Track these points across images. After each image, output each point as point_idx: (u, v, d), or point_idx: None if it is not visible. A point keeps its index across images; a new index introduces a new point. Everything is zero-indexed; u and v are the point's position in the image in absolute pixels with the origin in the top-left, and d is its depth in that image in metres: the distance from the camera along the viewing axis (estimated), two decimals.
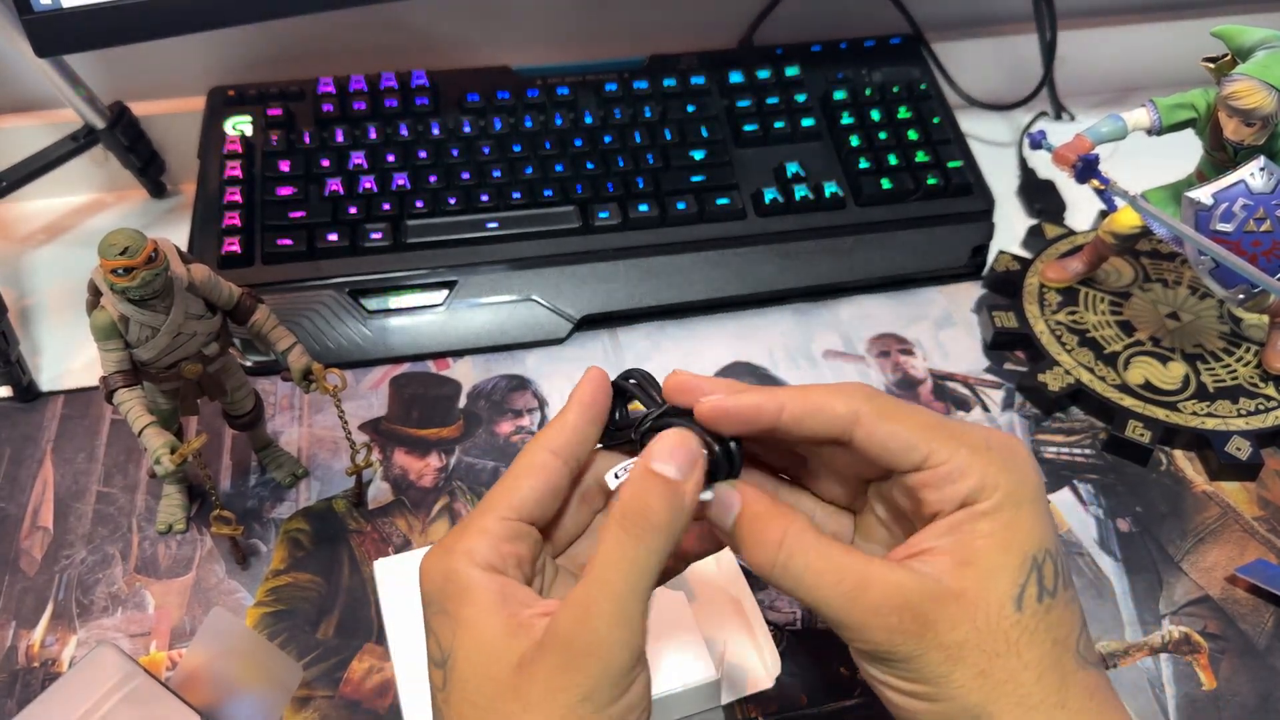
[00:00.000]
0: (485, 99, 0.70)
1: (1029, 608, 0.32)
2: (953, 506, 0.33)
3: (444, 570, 0.33)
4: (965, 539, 0.32)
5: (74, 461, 0.57)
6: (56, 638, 0.50)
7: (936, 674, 0.31)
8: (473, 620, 0.32)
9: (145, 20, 0.58)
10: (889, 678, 0.33)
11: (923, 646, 0.31)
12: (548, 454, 0.35)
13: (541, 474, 0.35)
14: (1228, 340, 0.62)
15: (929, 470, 0.33)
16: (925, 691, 0.32)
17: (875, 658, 0.32)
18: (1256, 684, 0.49)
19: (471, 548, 0.33)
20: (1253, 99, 0.49)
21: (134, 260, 0.43)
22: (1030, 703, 0.31)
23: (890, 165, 0.68)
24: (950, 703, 0.32)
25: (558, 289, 0.64)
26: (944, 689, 0.31)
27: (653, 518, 0.32)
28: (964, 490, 0.33)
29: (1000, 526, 0.32)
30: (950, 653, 0.31)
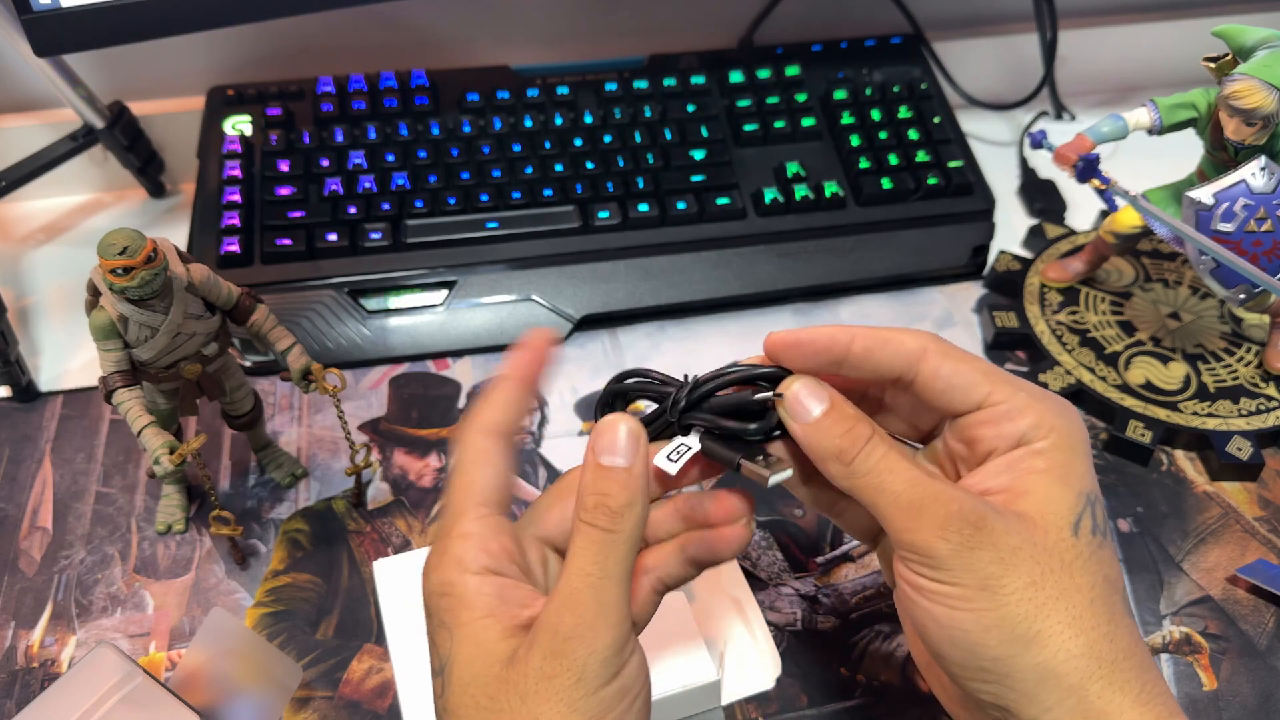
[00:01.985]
0: (485, 99, 0.70)
1: (1084, 537, 0.32)
2: (1009, 445, 0.34)
3: (440, 582, 0.34)
4: (1022, 474, 0.33)
5: (73, 462, 0.57)
6: (56, 638, 0.50)
7: (987, 575, 0.31)
8: (468, 625, 0.32)
9: (144, 20, 0.58)
10: (934, 583, 0.32)
11: (976, 543, 0.31)
12: (485, 438, 0.36)
13: (491, 460, 0.36)
14: (1229, 340, 0.62)
15: (988, 409, 0.34)
16: (972, 597, 0.31)
17: (925, 562, 0.32)
18: (1257, 684, 0.49)
19: (461, 555, 0.33)
20: (1253, 99, 0.49)
21: (133, 260, 0.43)
22: (1081, 625, 0.31)
23: (891, 165, 0.68)
24: (998, 611, 0.31)
25: (557, 289, 0.64)
26: (994, 595, 0.31)
27: (611, 504, 0.33)
28: (1021, 428, 0.33)
29: (1056, 464, 0.33)
30: (1003, 556, 0.31)
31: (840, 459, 0.34)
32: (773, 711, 0.47)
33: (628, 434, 0.34)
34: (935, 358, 0.35)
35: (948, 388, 0.35)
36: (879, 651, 0.49)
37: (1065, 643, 0.31)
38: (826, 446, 0.34)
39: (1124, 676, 0.31)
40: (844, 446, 0.34)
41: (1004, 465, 0.34)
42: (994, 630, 0.31)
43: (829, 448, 0.34)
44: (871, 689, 0.48)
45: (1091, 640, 0.31)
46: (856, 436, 0.34)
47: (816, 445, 0.34)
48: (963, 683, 0.33)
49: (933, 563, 0.32)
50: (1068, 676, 0.31)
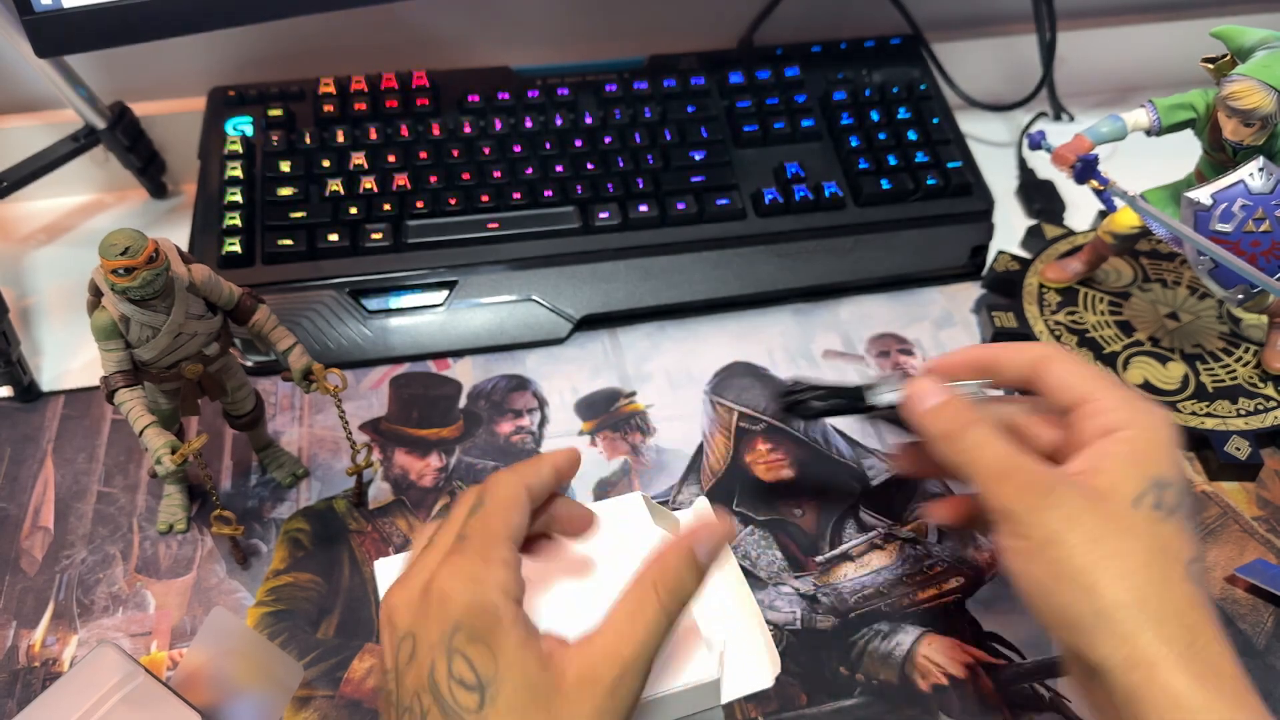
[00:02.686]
0: (485, 99, 0.70)
1: (1144, 511, 0.37)
2: (1098, 435, 0.39)
3: (482, 601, 0.35)
4: (1098, 456, 0.38)
5: (75, 461, 0.57)
6: (57, 637, 0.50)
7: (1053, 531, 0.36)
8: (514, 654, 0.34)
9: (146, 21, 0.58)
10: (1012, 540, 0.38)
11: (1047, 504, 0.37)
12: (524, 489, 0.39)
13: (524, 509, 0.39)
14: (1227, 340, 0.62)
15: (1091, 403, 0.40)
16: (1040, 550, 0.37)
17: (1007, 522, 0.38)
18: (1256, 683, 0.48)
19: (505, 580, 0.36)
20: (1252, 99, 0.49)
21: (135, 260, 0.43)
22: (1134, 581, 0.36)
23: (890, 165, 0.68)
24: (1061, 563, 0.36)
25: (558, 289, 0.64)
26: (1058, 547, 0.36)
27: (683, 591, 0.37)
28: (1111, 421, 0.39)
29: (1130, 449, 0.38)
30: (1069, 515, 0.37)
31: (947, 437, 0.41)
32: (772, 710, 0.47)
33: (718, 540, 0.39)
34: (1052, 362, 0.42)
35: (1059, 387, 0.41)
36: (878, 651, 0.50)
37: (1118, 594, 0.35)
38: (938, 427, 0.41)
39: (1170, 633, 0.35)
40: (950, 428, 0.41)
41: (1091, 451, 0.39)
42: (1060, 579, 0.36)
43: (939, 429, 0.41)
44: (871, 688, 0.48)
45: (1142, 595, 0.35)
46: (963, 419, 0.40)
47: (930, 426, 0.41)
48: (1054, 634, 0.37)
49: (1012, 522, 0.37)
50: (1121, 624, 0.35)
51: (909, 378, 0.44)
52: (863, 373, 0.45)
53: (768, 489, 0.56)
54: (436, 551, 0.37)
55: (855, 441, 0.59)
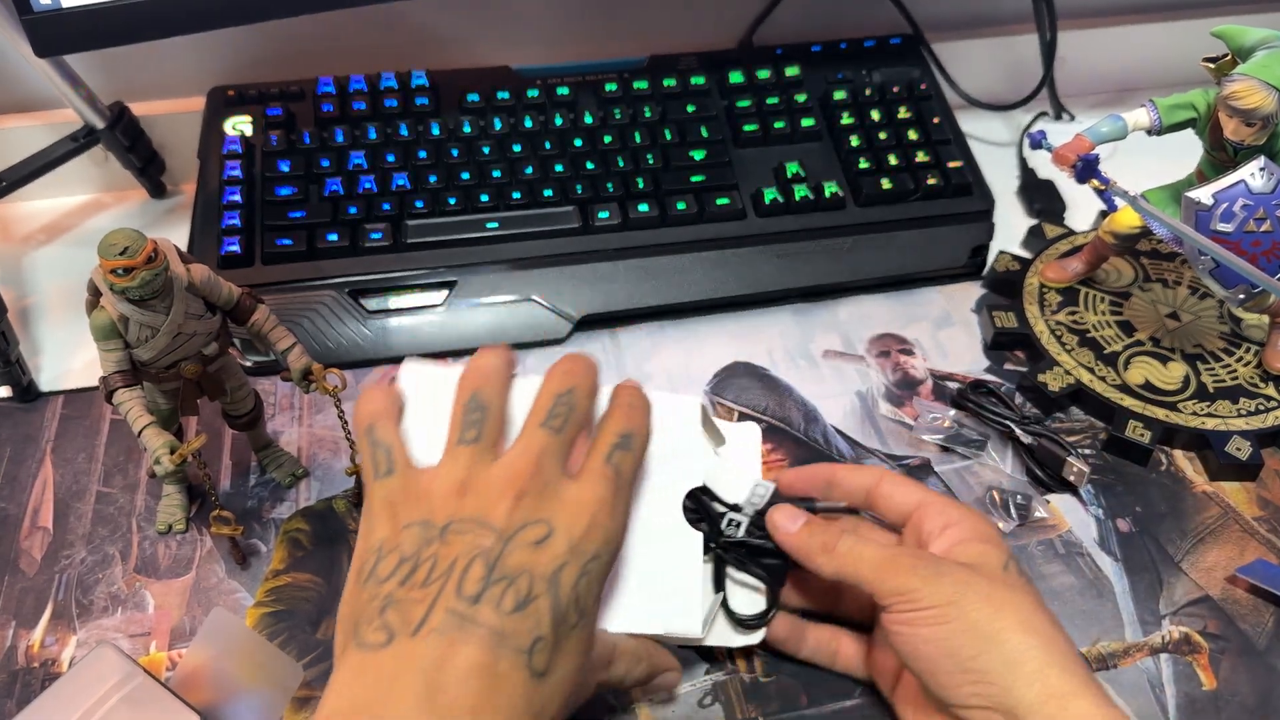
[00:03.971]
0: (485, 99, 0.70)
1: (1014, 573, 0.42)
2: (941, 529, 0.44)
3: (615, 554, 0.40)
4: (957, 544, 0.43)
5: (74, 461, 0.57)
6: (56, 638, 0.50)
7: (951, 594, 0.40)
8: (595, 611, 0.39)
9: (145, 20, 0.58)
10: (913, 611, 0.40)
11: (938, 574, 0.41)
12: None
13: None
14: (1228, 340, 0.62)
15: (924, 508, 0.45)
16: (943, 612, 0.40)
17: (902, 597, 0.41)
18: (1257, 684, 0.49)
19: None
20: (1253, 99, 0.49)
21: (134, 260, 0.43)
22: (1029, 626, 0.40)
23: (890, 165, 0.68)
24: (964, 619, 0.40)
25: (558, 289, 0.64)
26: (959, 606, 0.40)
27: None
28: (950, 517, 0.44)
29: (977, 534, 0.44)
30: (959, 580, 0.41)
31: (824, 549, 0.43)
32: (773, 710, 0.47)
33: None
34: (887, 481, 0.47)
35: (892, 496, 0.46)
36: None
37: (1021, 638, 0.39)
38: (812, 545, 0.44)
39: (1071, 668, 0.39)
40: (825, 540, 0.44)
41: (943, 541, 0.44)
42: (966, 633, 0.40)
43: (815, 544, 0.44)
44: (871, 688, 0.48)
45: (1040, 638, 0.39)
46: (832, 532, 0.44)
47: (804, 546, 0.44)
48: (954, 691, 0.40)
49: (910, 596, 0.41)
50: (1028, 664, 0.39)
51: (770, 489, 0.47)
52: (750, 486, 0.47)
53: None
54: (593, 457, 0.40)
55: (855, 441, 0.59)
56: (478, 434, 0.38)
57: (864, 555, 0.42)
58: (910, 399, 0.61)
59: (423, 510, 0.37)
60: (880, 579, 0.42)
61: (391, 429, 0.40)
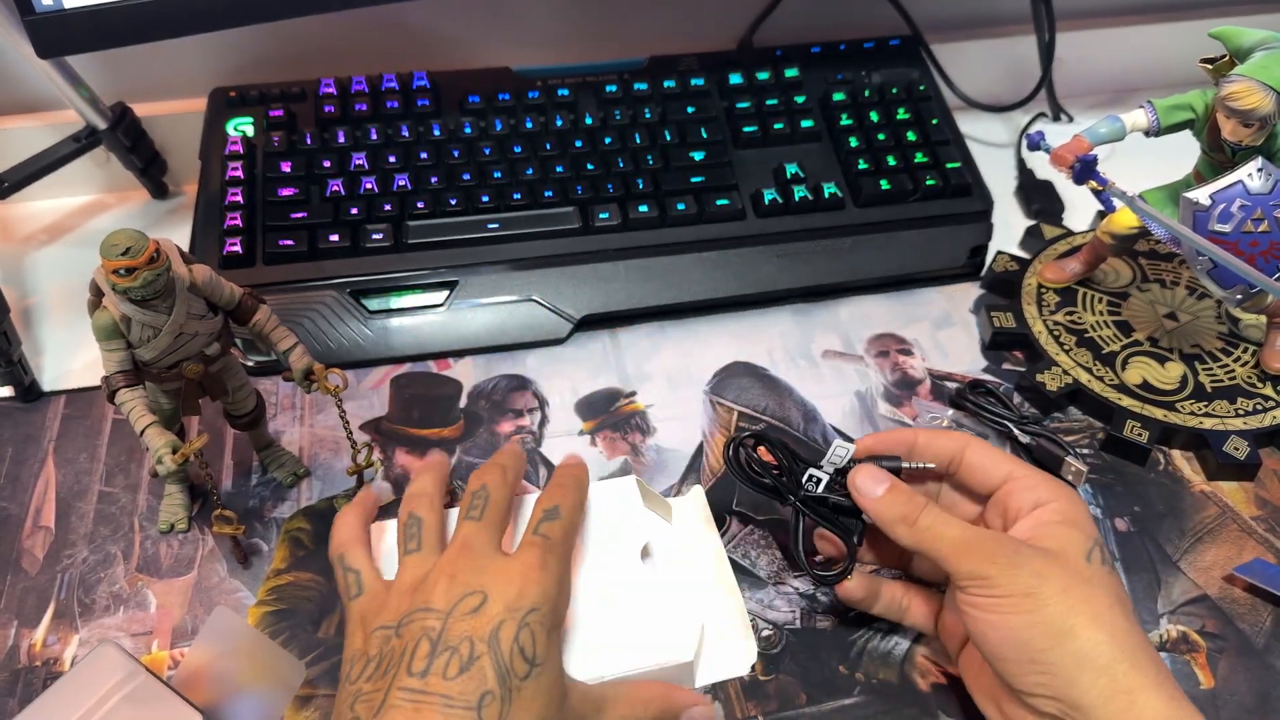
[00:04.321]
0: (486, 100, 0.70)
1: (1095, 564, 0.42)
2: (1030, 507, 0.44)
3: (559, 603, 0.41)
4: (1042, 525, 0.43)
5: (76, 461, 0.57)
6: (58, 637, 0.50)
7: (1028, 585, 0.40)
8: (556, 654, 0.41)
9: (147, 21, 0.58)
10: (988, 597, 0.41)
11: (1017, 563, 0.41)
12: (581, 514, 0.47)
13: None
14: (1225, 340, 0.62)
15: (1013, 482, 0.45)
16: (1018, 603, 0.40)
17: (979, 582, 0.41)
18: (1254, 683, 0.49)
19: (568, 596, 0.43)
20: (1250, 100, 0.49)
21: (136, 260, 0.43)
22: (1103, 621, 0.40)
23: (889, 166, 0.68)
24: (1038, 612, 0.40)
25: (558, 289, 0.64)
26: (1035, 599, 0.40)
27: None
28: (1037, 495, 0.44)
29: (1064, 516, 0.43)
30: (1038, 570, 0.41)
31: (905, 521, 0.44)
32: (772, 709, 0.47)
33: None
34: (974, 447, 0.47)
35: (982, 466, 0.46)
36: (877, 650, 0.50)
37: (1092, 634, 0.39)
38: (894, 513, 0.44)
39: (1141, 663, 0.39)
40: (906, 512, 0.44)
41: (1029, 521, 0.44)
42: (1039, 626, 0.40)
43: (895, 514, 0.44)
44: (870, 687, 0.48)
45: (1112, 633, 0.40)
46: (915, 503, 0.44)
47: (886, 513, 0.44)
48: (1020, 679, 0.40)
49: (987, 582, 0.41)
50: (1098, 659, 0.39)
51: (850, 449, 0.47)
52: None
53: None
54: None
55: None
56: (417, 543, 0.44)
57: (945, 534, 0.43)
58: (909, 399, 0.61)
59: (384, 616, 0.41)
60: (959, 560, 0.42)
61: (360, 554, 0.45)
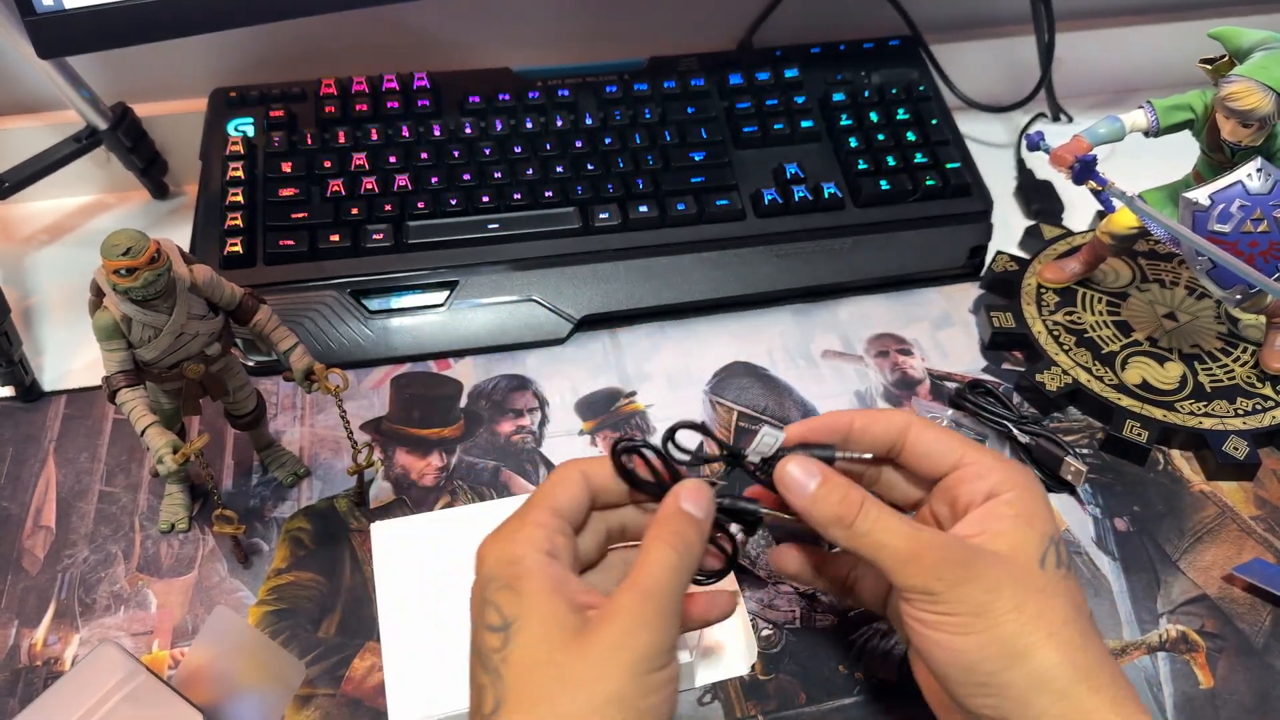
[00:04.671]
0: (486, 100, 0.70)
1: (1050, 569, 0.38)
2: (981, 499, 0.40)
3: (509, 554, 0.38)
4: (995, 521, 0.39)
5: (76, 461, 0.57)
6: (59, 636, 0.50)
7: (978, 604, 0.37)
8: (538, 594, 0.36)
9: (148, 22, 0.58)
10: (935, 615, 0.37)
11: (966, 578, 0.37)
12: (580, 474, 0.41)
13: (574, 488, 0.40)
14: (1225, 340, 0.62)
15: (963, 469, 0.41)
16: (967, 623, 0.37)
17: (924, 597, 0.38)
18: (1254, 682, 0.49)
19: (533, 536, 0.38)
20: (1250, 100, 0.49)
21: (136, 261, 0.43)
22: (1060, 638, 0.37)
23: (889, 166, 0.68)
24: (990, 632, 0.37)
25: (558, 289, 0.64)
26: (985, 618, 0.37)
27: (688, 538, 0.38)
28: (991, 483, 0.40)
29: (1021, 511, 0.39)
30: (989, 586, 0.37)
31: (840, 523, 0.39)
32: (771, 709, 0.48)
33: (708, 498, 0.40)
34: (918, 428, 0.42)
35: (929, 453, 0.42)
36: (877, 649, 0.50)
37: (1048, 654, 0.36)
38: (827, 514, 0.40)
39: (1099, 683, 0.37)
40: (841, 513, 0.39)
41: (979, 515, 0.40)
42: (989, 648, 0.37)
43: (829, 515, 0.40)
44: (870, 686, 0.48)
45: (1068, 652, 0.37)
46: (851, 502, 0.39)
47: (818, 514, 0.40)
48: (966, 701, 0.38)
49: (932, 599, 0.37)
50: (1055, 682, 0.36)
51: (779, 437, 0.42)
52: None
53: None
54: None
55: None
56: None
57: (885, 542, 0.38)
58: (909, 399, 0.61)
59: None
60: (902, 574, 0.38)
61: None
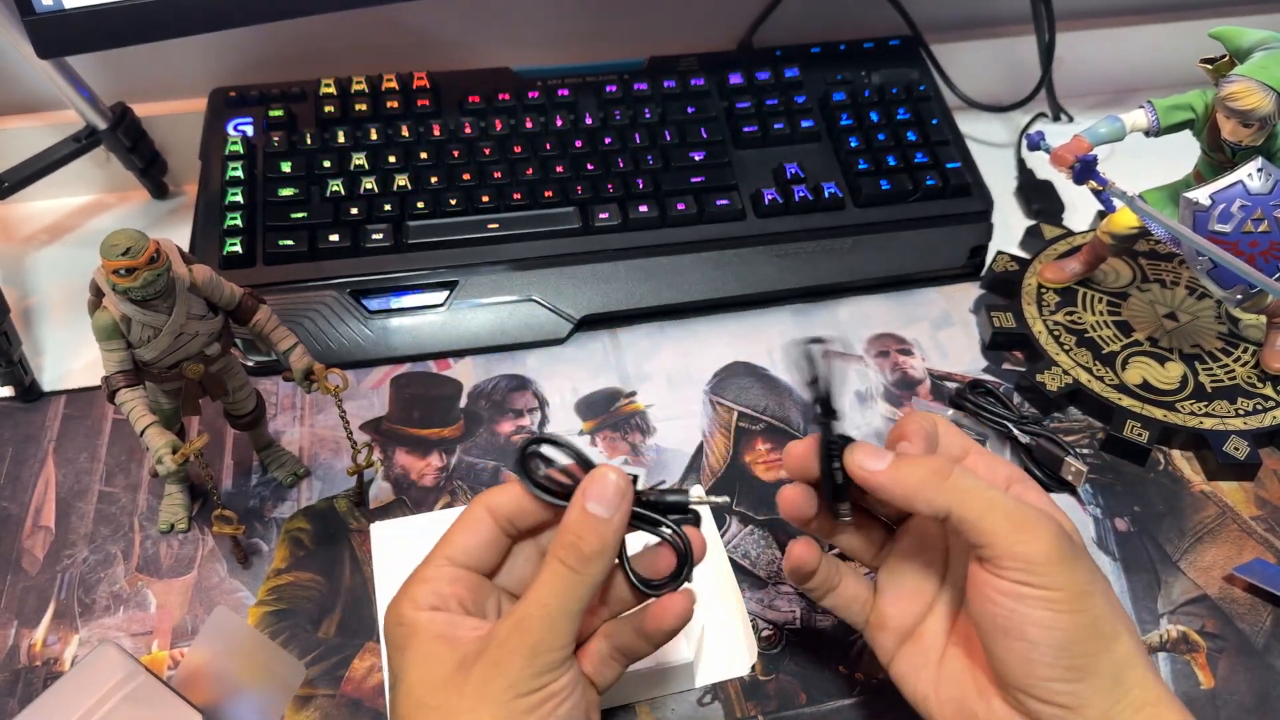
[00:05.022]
0: (486, 100, 0.70)
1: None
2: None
3: (396, 616, 0.38)
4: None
5: (76, 461, 0.57)
6: (58, 637, 0.50)
7: (1084, 582, 0.37)
8: (418, 646, 0.37)
9: (147, 21, 0.58)
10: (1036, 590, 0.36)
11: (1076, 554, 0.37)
12: (484, 511, 0.40)
13: (478, 528, 0.40)
14: (1225, 340, 0.62)
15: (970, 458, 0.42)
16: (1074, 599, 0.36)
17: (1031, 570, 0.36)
18: (1254, 683, 0.49)
19: (415, 594, 0.38)
20: (1250, 100, 0.49)
21: (136, 261, 0.43)
22: (1130, 627, 0.38)
23: (889, 166, 0.68)
24: (1092, 613, 0.36)
25: (558, 289, 0.64)
26: (1089, 599, 0.36)
27: (585, 549, 0.37)
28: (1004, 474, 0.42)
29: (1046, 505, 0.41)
30: (1091, 568, 0.37)
31: (940, 475, 0.38)
32: (771, 709, 0.47)
33: (615, 488, 0.37)
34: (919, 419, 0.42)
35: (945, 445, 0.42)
36: None
37: (1129, 640, 0.37)
38: (921, 472, 0.38)
39: (1157, 675, 0.38)
40: (937, 468, 0.38)
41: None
42: (1089, 628, 0.36)
43: (924, 472, 0.38)
44: (870, 687, 0.48)
45: (1137, 640, 0.38)
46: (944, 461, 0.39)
47: (908, 475, 0.38)
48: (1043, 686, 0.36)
49: (1041, 570, 0.36)
50: (1137, 667, 0.37)
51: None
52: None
53: (768, 489, 0.56)
54: None
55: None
56: None
57: (996, 501, 0.37)
58: (909, 399, 0.61)
59: None
60: (1015, 536, 0.36)
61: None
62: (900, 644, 0.42)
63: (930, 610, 0.42)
